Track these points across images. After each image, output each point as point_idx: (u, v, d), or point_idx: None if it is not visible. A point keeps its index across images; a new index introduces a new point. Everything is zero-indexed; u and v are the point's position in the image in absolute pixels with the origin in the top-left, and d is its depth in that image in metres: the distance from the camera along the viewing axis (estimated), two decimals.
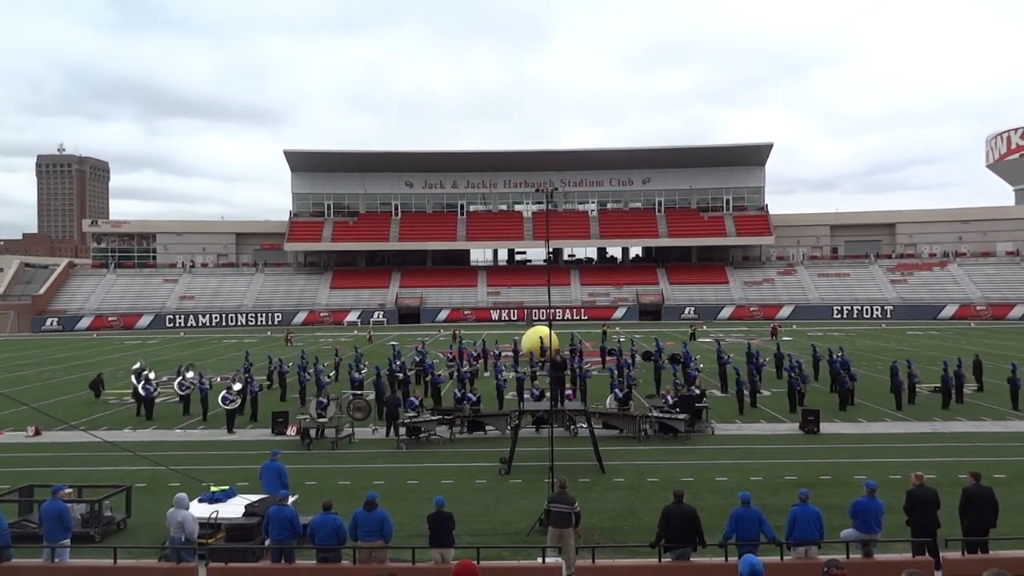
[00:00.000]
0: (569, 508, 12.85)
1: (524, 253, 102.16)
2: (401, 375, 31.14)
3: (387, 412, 24.80)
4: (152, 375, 29.53)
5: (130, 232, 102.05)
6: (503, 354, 40.42)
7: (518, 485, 18.50)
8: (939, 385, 28.54)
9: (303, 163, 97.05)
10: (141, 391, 28.34)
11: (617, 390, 25.63)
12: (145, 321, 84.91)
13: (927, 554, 11.83)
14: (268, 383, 31.80)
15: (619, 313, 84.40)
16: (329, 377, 32.22)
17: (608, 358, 39.10)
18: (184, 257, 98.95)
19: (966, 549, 11.75)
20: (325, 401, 24.18)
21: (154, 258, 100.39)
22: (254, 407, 27.71)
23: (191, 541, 12.53)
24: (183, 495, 12.99)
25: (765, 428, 25.36)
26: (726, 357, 33.79)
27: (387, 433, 24.26)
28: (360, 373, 31.79)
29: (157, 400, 30.63)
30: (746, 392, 27.54)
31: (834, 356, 32.56)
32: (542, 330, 42.94)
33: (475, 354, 36.99)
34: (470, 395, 25.90)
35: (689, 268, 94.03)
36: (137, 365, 30.86)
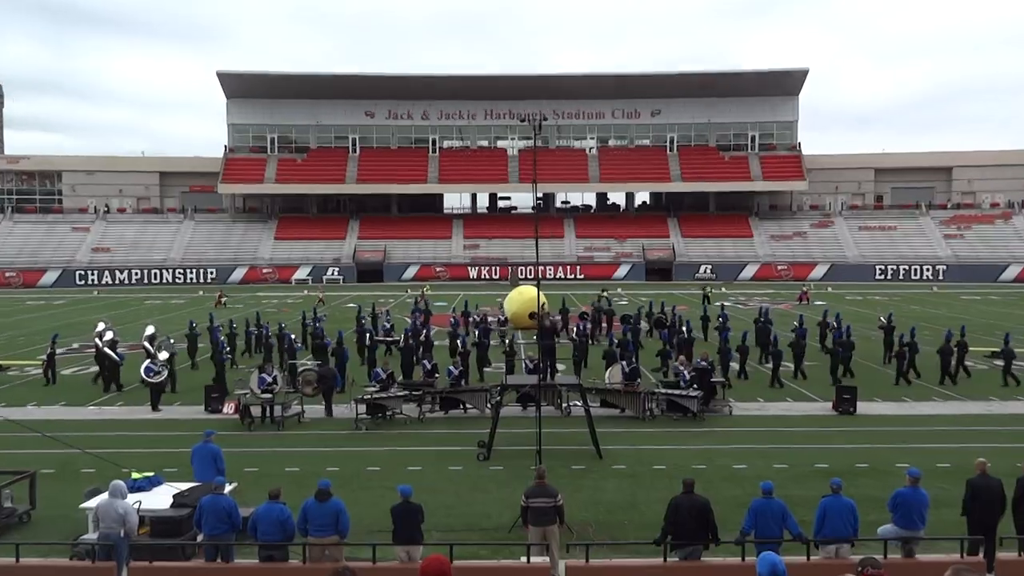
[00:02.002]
0: (551, 502, 12.93)
1: (508, 199, 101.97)
2: (368, 340, 31.62)
3: (323, 386, 25.21)
4: (114, 336, 29.84)
5: (30, 170, 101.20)
6: (489, 318, 40.96)
7: (499, 473, 18.66)
8: (994, 355, 29.08)
9: (241, 87, 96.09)
10: (116, 356, 28.69)
11: (624, 363, 25.83)
12: (50, 277, 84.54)
13: (981, 555, 12.00)
14: (227, 349, 31.76)
15: (621, 271, 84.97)
16: (298, 343, 32.85)
17: (615, 324, 40.07)
18: (97, 201, 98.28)
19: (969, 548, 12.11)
20: (269, 377, 24.29)
21: (60, 201, 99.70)
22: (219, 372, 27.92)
23: (130, 536, 12.60)
24: (120, 482, 13.04)
25: (792, 408, 25.73)
26: (762, 321, 34.72)
27: (326, 412, 24.54)
28: (327, 339, 32.18)
29: (67, 372, 30.62)
30: (762, 364, 28.66)
31: (887, 322, 33.83)
32: (529, 291, 42.79)
33: (476, 319, 37.71)
34: (451, 368, 26.12)
35: (706, 218, 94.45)
36: (100, 327, 30.85)
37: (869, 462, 19.36)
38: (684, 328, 34.36)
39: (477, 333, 31.55)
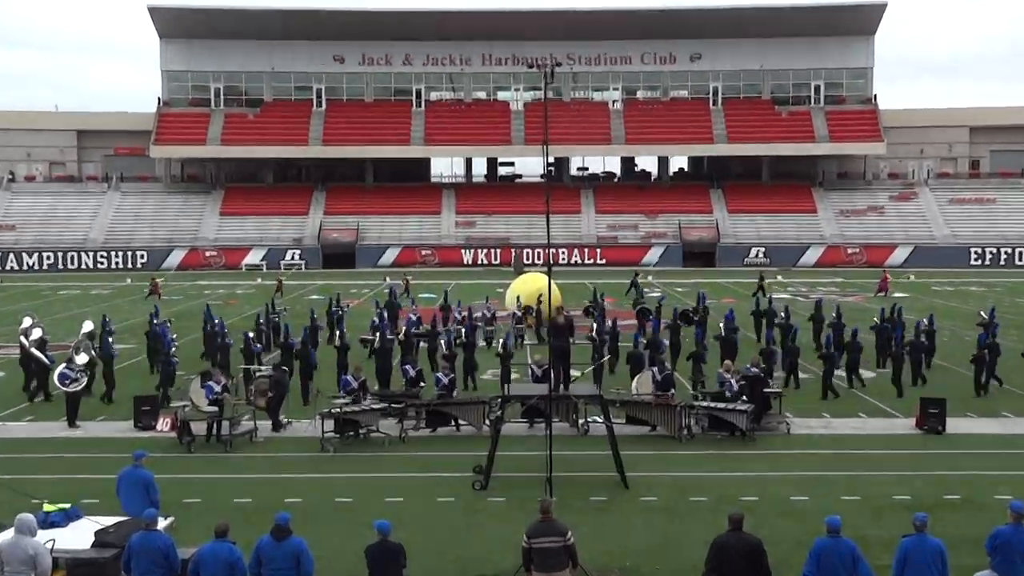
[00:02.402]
0: (559, 541, 13.01)
1: (512, 165, 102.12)
2: (338, 340, 31.94)
3: (274, 393, 25.56)
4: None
5: None
6: (497, 313, 41.84)
7: (499, 506, 18.83)
8: None
9: (178, 26, 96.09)
10: (45, 358, 29.25)
11: (655, 369, 25.87)
12: None
13: None
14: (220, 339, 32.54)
15: (652, 255, 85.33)
16: (260, 343, 33.33)
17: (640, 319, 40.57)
18: None
19: None
20: (218, 386, 24.31)
21: None
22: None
23: None
24: (29, 516, 13.02)
25: (865, 425, 25.93)
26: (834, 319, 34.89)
27: (274, 427, 24.91)
28: (292, 339, 32.64)
29: None
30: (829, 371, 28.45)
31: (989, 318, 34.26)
32: (537, 281, 42.84)
33: (459, 316, 38.13)
34: (440, 375, 26.11)
35: (758, 189, 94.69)
36: (26, 323, 31.28)
37: (962, 493, 19.50)
38: (723, 326, 34.65)
39: (463, 332, 31.95)
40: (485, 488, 19.30)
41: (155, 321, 35.75)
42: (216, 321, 35.39)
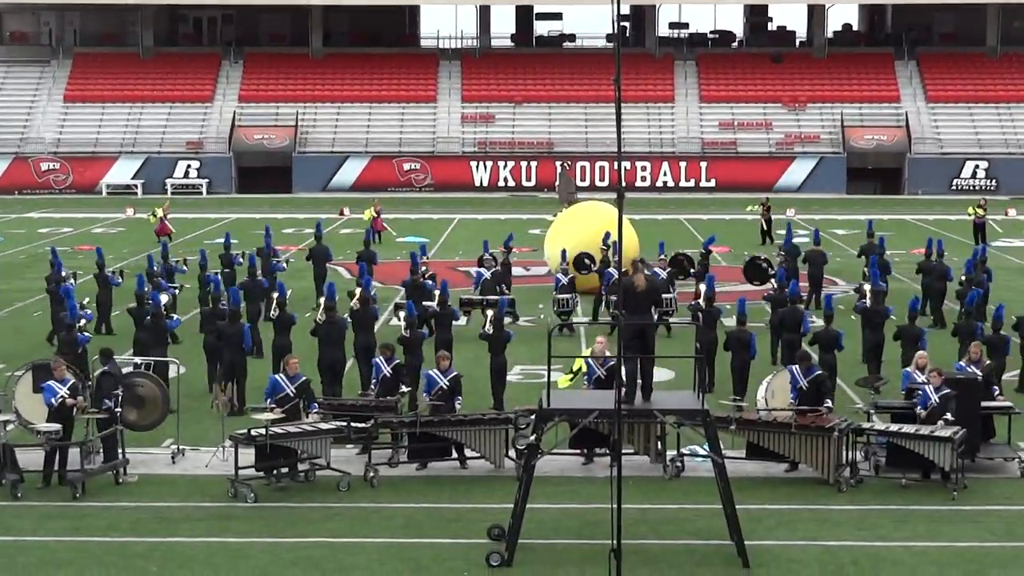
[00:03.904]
0: None
1: (558, 18, 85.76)
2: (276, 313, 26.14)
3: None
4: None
5: None
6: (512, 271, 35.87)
7: None
8: None
9: None
10: None
11: (796, 368, 20.65)
12: None
13: None
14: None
15: (796, 172, 70.73)
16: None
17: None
18: None
19: None
20: (63, 389, 19.30)
21: None
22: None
23: None
24: None
25: None
26: None
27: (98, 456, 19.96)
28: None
29: None
30: None
31: None
32: (597, 217, 36.79)
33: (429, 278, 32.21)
34: (433, 374, 21.05)
35: (978, 61, 77.72)
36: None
37: None
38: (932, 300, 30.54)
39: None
40: (510, 564, 16.07)
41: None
42: (64, 277, 30.82)
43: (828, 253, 36.64)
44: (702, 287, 29.07)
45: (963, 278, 31.55)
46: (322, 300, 26.61)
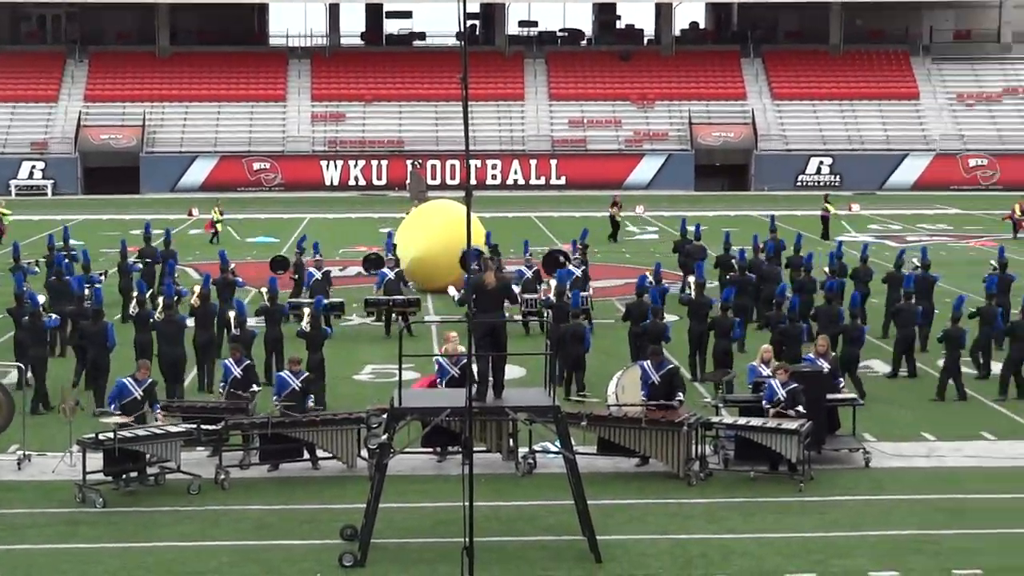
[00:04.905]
0: None
1: (407, 16, 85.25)
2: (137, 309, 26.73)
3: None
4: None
5: None
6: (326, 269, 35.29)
7: None
8: None
9: None
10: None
11: (648, 363, 21.08)
12: None
13: None
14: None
15: (644, 170, 71.60)
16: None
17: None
18: None
19: None
20: None
21: None
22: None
23: None
24: None
25: (995, 451, 21.82)
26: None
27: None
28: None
29: None
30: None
31: None
32: (448, 211, 37.45)
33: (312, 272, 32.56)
34: (285, 375, 21.22)
35: (822, 59, 79.34)
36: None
37: None
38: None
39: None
40: (363, 565, 16.27)
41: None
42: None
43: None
44: (552, 282, 29.69)
45: (826, 270, 31.90)
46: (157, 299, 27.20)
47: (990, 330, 26.60)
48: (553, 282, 29.62)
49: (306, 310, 26.27)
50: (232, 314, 26.09)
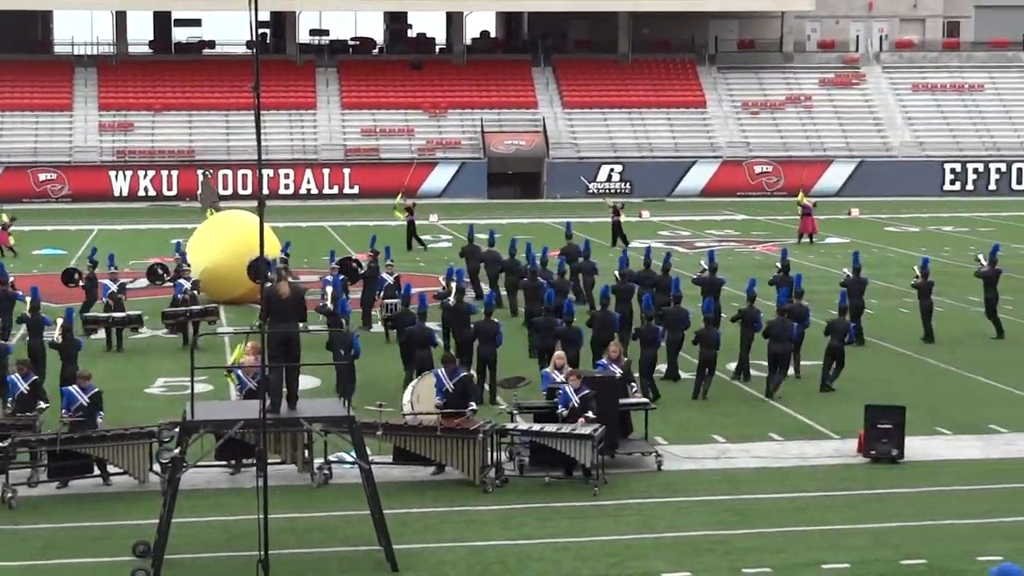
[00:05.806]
0: None
1: (197, 24, 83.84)
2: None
3: None
4: None
5: None
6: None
7: None
8: None
9: None
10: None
11: (442, 371, 21.11)
12: None
13: None
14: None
15: (438, 179, 70.57)
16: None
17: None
18: None
19: None
20: None
21: None
22: None
23: None
24: None
25: (782, 452, 22.12)
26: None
27: None
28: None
29: None
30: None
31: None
32: (238, 222, 36.84)
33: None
34: (73, 390, 20.34)
35: (611, 68, 78.68)
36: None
37: (928, 555, 16.81)
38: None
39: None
40: None
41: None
42: None
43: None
44: (329, 289, 28.63)
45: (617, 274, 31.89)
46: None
47: (751, 332, 26.90)
48: (330, 289, 28.92)
49: (58, 321, 25.35)
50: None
